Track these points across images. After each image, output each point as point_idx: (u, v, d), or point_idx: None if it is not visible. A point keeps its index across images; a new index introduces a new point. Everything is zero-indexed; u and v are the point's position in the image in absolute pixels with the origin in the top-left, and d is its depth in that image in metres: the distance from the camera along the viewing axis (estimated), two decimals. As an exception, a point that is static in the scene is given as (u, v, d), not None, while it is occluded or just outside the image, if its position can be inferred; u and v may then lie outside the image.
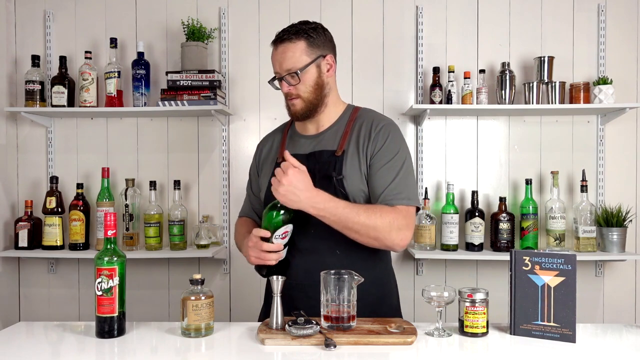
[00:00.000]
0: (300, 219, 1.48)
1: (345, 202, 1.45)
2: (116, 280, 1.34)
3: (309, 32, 1.54)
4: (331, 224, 1.44)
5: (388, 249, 1.51)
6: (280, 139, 1.70)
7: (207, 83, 2.53)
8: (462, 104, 2.57)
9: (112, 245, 1.37)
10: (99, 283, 1.33)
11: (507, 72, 2.55)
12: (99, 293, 1.33)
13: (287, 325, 1.31)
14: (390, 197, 1.48)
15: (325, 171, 1.51)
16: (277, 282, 1.36)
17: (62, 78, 2.59)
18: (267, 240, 1.46)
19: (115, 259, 1.35)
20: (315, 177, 1.47)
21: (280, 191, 1.40)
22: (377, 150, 1.51)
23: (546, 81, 2.54)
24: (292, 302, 1.49)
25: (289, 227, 1.47)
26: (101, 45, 2.73)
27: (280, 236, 1.46)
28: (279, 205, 1.45)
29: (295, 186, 1.39)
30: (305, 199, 1.40)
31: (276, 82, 1.58)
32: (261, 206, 1.70)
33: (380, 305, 1.58)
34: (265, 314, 1.66)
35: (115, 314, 1.35)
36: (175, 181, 2.60)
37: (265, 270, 1.52)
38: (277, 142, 1.71)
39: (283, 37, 1.53)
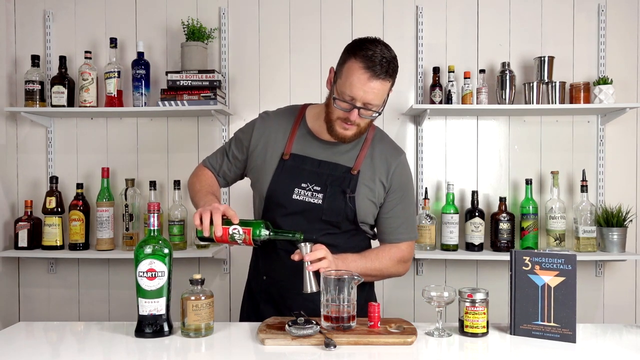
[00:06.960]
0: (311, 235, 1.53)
1: (357, 256, 1.57)
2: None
3: (397, 70, 1.50)
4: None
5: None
6: (289, 132, 1.63)
7: (207, 83, 2.53)
8: (462, 104, 2.57)
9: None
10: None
11: (507, 72, 2.55)
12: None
13: (287, 325, 1.31)
14: (397, 236, 1.65)
15: (339, 185, 1.57)
16: (306, 247, 1.40)
17: (62, 78, 2.59)
18: (229, 224, 1.42)
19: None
20: (327, 187, 1.56)
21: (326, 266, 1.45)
22: (392, 191, 1.62)
23: (546, 81, 2.54)
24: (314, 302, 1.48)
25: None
26: (101, 45, 2.73)
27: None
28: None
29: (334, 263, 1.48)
30: (339, 266, 1.49)
31: (342, 103, 1.48)
32: (232, 173, 1.73)
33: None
34: (247, 311, 1.73)
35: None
36: (175, 181, 2.60)
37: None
38: (283, 133, 1.63)
39: (381, 74, 1.44)
